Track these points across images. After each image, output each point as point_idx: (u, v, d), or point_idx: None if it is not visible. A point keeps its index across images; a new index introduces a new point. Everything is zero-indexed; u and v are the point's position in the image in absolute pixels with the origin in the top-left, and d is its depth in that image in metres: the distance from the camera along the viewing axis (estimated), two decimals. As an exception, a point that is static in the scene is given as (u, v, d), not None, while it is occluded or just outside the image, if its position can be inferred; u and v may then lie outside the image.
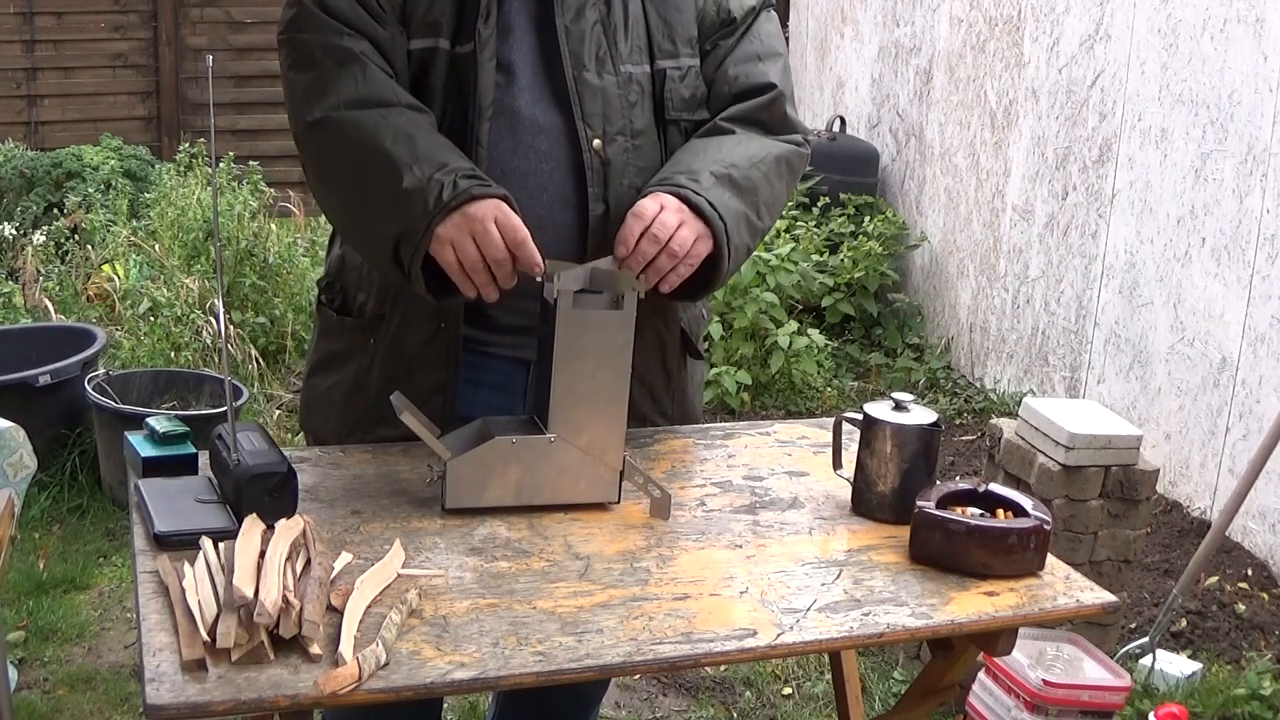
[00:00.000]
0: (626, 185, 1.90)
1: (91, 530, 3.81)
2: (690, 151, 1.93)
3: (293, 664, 1.38)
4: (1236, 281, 3.87)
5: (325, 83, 1.83)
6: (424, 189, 1.75)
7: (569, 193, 1.89)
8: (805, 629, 1.54)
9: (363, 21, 1.85)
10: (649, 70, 1.93)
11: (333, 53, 1.84)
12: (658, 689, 3.14)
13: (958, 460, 4.47)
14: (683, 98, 1.96)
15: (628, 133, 1.91)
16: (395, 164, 1.77)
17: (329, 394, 2.02)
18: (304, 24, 1.87)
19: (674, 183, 1.85)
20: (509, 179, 1.86)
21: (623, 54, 1.91)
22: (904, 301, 5.68)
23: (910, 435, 1.80)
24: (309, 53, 1.86)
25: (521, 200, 1.83)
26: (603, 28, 1.90)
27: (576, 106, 1.88)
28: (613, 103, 1.90)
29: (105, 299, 5.12)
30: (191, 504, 1.67)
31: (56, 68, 7.02)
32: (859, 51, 6.38)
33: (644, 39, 1.93)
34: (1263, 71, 3.75)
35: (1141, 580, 3.61)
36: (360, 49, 1.84)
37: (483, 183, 1.77)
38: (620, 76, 1.91)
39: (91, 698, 3.02)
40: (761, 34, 2.04)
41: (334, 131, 1.83)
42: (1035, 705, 2.63)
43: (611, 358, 1.75)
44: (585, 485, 1.79)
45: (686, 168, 1.88)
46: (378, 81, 1.83)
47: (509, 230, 1.74)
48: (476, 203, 1.74)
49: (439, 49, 1.86)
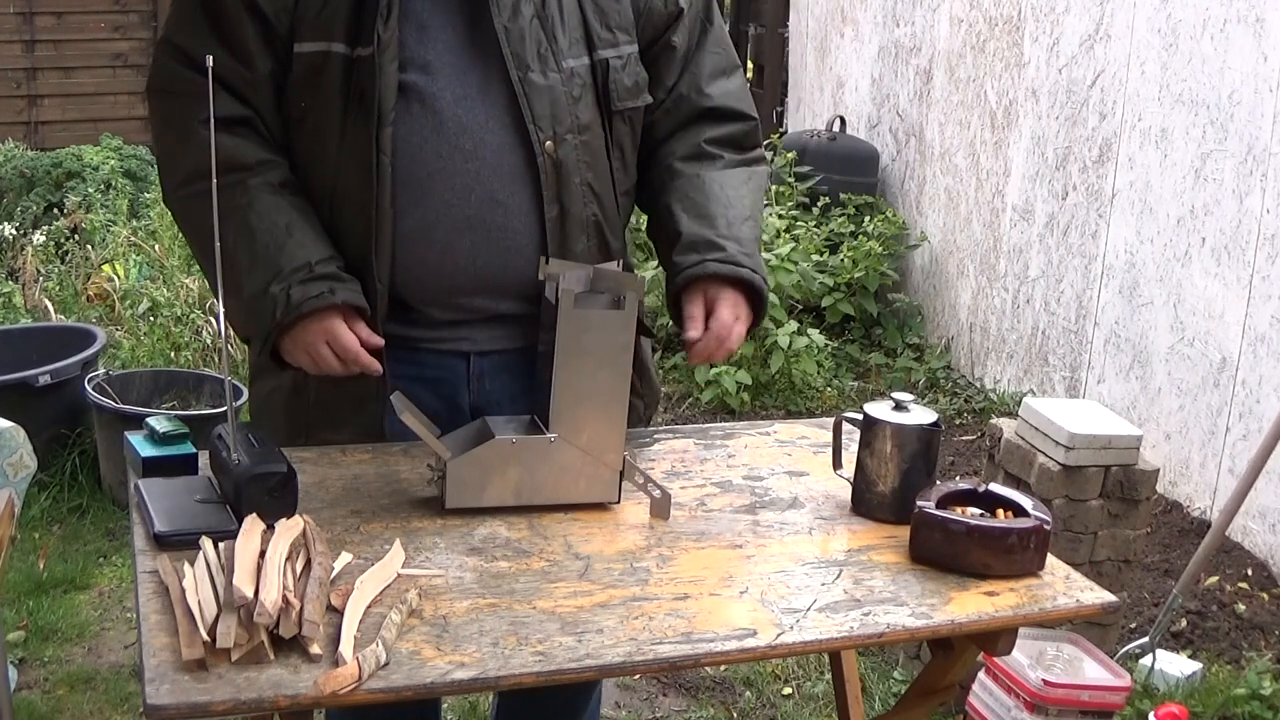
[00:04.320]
0: (578, 183, 1.90)
1: (91, 530, 3.81)
2: (711, 206, 1.95)
3: (293, 664, 1.38)
4: (1236, 281, 3.86)
5: (175, 155, 1.87)
6: (259, 301, 1.80)
7: (501, 191, 1.87)
8: (805, 629, 1.54)
9: (227, 66, 1.81)
10: (589, 62, 1.91)
11: (181, 119, 1.84)
12: (658, 689, 3.14)
13: (958, 460, 4.47)
14: (626, 87, 1.95)
15: (575, 129, 1.89)
16: (235, 268, 1.80)
17: (270, 399, 2.01)
18: (161, 79, 1.89)
19: (733, 259, 1.90)
20: (432, 181, 1.84)
21: (563, 48, 1.89)
22: (904, 301, 5.68)
23: (910, 435, 1.80)
24: (165, 115, 1.89)
25: (449, 201, 1.84)
26: (540, 22, 1.87)
27: (526, 109, 1.85)
28: (559, 101, 1.88)
29: (105, 299, 5.11)
30: (191, 504, 1.67)
31: (56, 68, 7.02)
32: (859, 51, 6.38)
33: (580, 29, 1.91)
34: (1263, 71, 3.75)
35: (1141, 580, 3.60)
36: (216, 111, 1.75)
37: (315, 294, 1.78)
38: (563, 73, 1.88)
39: (91, 698, 3.02)
40: (721, 42, 2.07)
41: (182, 215, 1.89)
42: (1035, 705, 2.63)
43: (612, 357, 1.75)
44: (585, 485, 1.79)
45: (728, 232, 1.92)
46: (231, 148, 1.80)
47: (341, 348, 1.81)
48: (306, 323, 1.79)
49: (331, 53, 1.81)
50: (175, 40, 1.87)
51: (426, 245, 1.86)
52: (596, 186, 1.93)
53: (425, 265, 1.88)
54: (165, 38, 1.89)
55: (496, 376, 1.98)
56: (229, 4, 1.82)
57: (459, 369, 1.97)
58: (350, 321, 1.83)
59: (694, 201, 1.96)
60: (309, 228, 1.83)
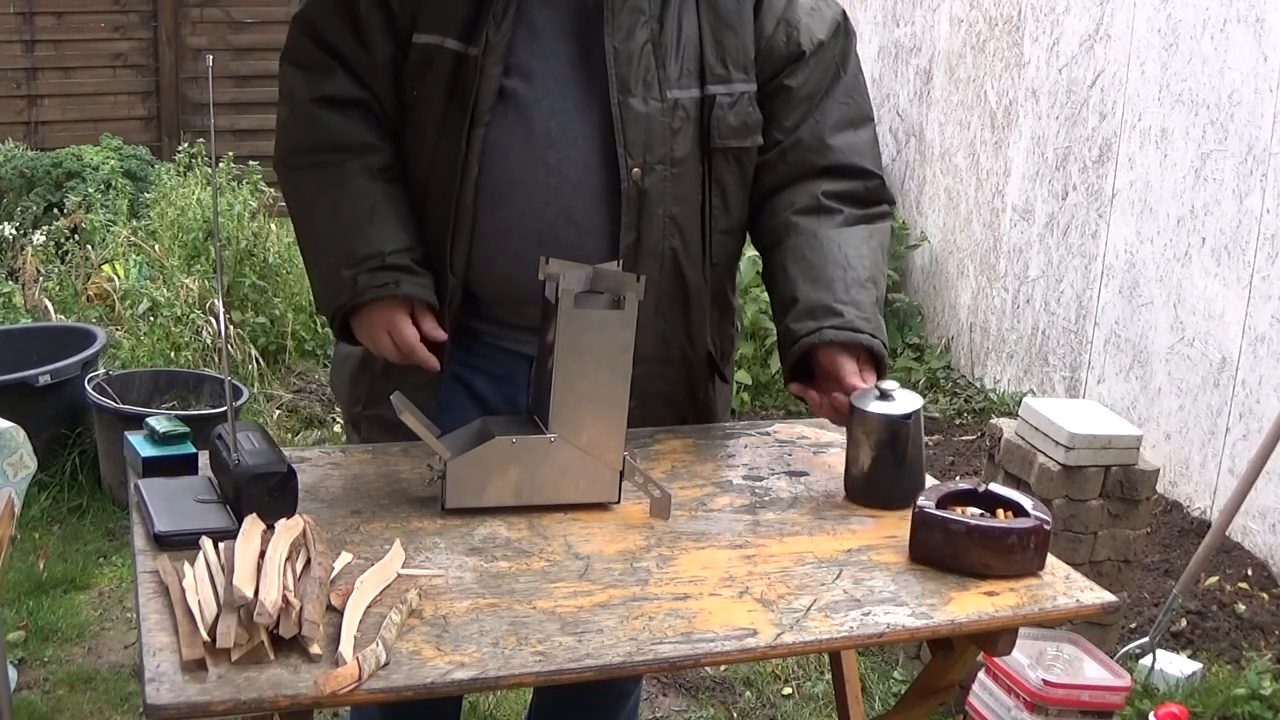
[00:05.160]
0: (661, 214, 1.88)
1: (91, 530, 3.81)
2: (834, 263, 1.90)
3: (293, 664, 1.38)
4: (1236, 281, 3.87)
5: (286, 126, 1.94)
6: (331, 281, 1.88)
7: (578, 211, 1.87)
8: (805, 629, 1.54)
9: (350, 49, 1.88)
10: (698, 95, 1.88)
11: (300, 91, 1.91)
12: (658, 689, 3.14)
13: (958, 460, 4.47)
14: (730, 125, 1.90)
15: (668, 161, 1.87)
16: (317, 245, 1.91)
17: (345, 362, 2.07)
18: (289, 51, 1.94)
19: (851, 325, 1.85)
20: (514, 189, 1.86)
21: (671, 78, 1.85)
22: (904, 301, 5.67)
23: (876, 423, 1.82)
24: (286, 86, 1.94)
25: (525, 212, 1.85)
26: (653, 48, 1.84)
27: (619, 134, 1.84)
28: (656, 131, 1.85)
29: (105, 299, 5.11)
30: (191, 504, 1.67)
31: (56, 68, 7.01)
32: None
33: (695, 61, 1.87)
34: (1263, 71, 3.75)
35: (1141, 580, 3.60)
36: (331, 90, 1.89)
37: (380, 284, 1.84)
38: (666, 103, 1.85)
39: (91, 698, 3.02)
40: (852, 92, 1.99)
41: (284, 185, 1.96)
42: (1035, 705, 2.63)
43: (612, 358, 1.75)
44: (585, 485, 1.79)
45: (846, 296, 1.87)
46: (338, 129, 1.89)
47: (399, 340, 1.86)
48: (369, 310, 1.85)
49: (444, 47, 1.85)
50: (309, 16, 1.93)
51: (500, 250, 1.89)
52: (681, 220, 1.90)
53: (496, 269, 1.91)
54: (300, 13, 1.94)
55: None
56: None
57: (521, 370, 1.98)
58: (417, 313, 1.88)
59: (810, 263, 1.91)
60: (393, 216, 1.87)
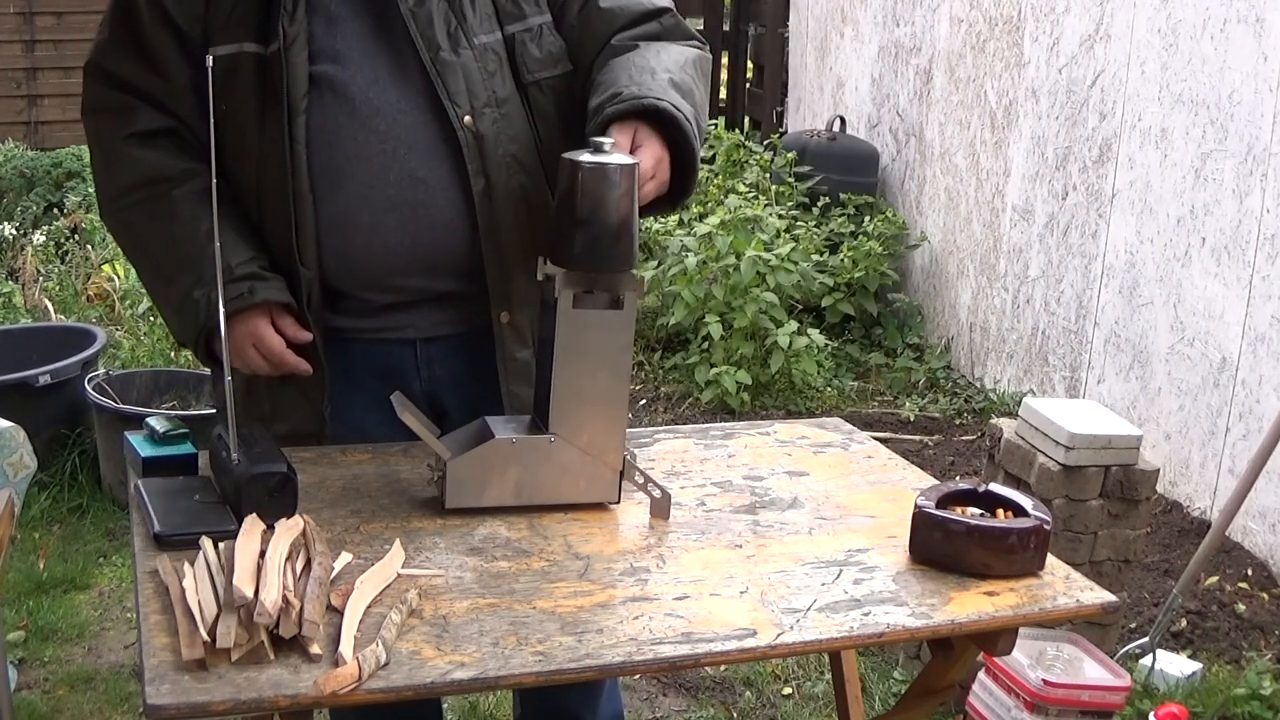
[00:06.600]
0: (502, 154, 1.92)
1: (91, 530, 3.81)
2: (618, 68, 1.90)
3: (293, 664, 1.38)
4: (1236, 281, 3.87)
5: (104, 173, 1.96)
6: (184, 308, 1.88)
7: (420, 168, 1.89)
8: (805, 629, 1.54)
9: (146, 80, 1.90)
10: (500, 37, 1.94)
11: (108, 137, 1.93)
12: (658, 689, 3.14)
13: (958, 460, 4.47)
14: (536, 58, 1.96)
15: (494, 103, 1.92)
16: (163, 277, 1.92)
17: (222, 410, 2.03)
18: (87, 100, 1.97)
19: (629, 95, 1.81)
20: (349, 165, 1.87)
21: (473, 26, 1.92)
22: (904, 301, 5.67)
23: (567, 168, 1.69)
24: (94, 135, 1.96)
25: (368, 183, 1.87)
26: (448, 4, 1.91)
27: (441, 88, 1.88)
28: (474, 76, 1.91)
29: (105, 299, 5.12)
30: (191, 504, 1.67)
31: (56, 68, 7.02)
32: (859, 51, 6.38)
33: (490, 5, 1.94)
34: (1263, 71, 3.75)
35: (1141, 580, 3.60)
36: (138, 126, 1.91)
37: (234, 296, 1.83)
38: (475, 49, 1.91)
39: (91, 698, 3.02)
40: None
41: (115, 231, 1.98)
42: (1035, 705, 2.62)
43: (612, 357, 1.75)
44: (585, 485, 1.79)
45: (629, 80, 1.85)
46: (154, 161, 1.90)
47: (266, 350, 1.87)
48: (229, 326, 1.80)
49: (243, 52, 1.86)
50: (97, 60, 1.95)
51: (354, 229, 1.90)
52: (522, 157, 1.94)
53: (354, 249, 1.91)
54: (90, 61, 1.96)
55: (445, 362, 2.01)
56: (146, 20, 1.88)
57: (407, 357, 1.99)
58: (277, 319, 1.90)
59: (609, 67, 1.92)
60: (231, 231, 1.86)
